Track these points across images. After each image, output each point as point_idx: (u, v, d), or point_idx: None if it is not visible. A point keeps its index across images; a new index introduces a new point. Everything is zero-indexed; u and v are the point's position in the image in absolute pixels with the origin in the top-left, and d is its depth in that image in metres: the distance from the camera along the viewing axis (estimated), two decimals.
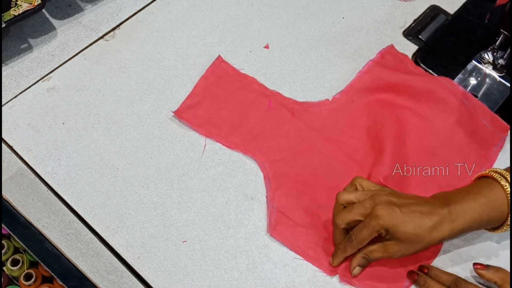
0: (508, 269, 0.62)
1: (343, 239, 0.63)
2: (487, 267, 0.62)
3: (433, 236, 0.60)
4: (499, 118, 0.74)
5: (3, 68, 0.77)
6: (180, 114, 0.73)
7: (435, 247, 0.65)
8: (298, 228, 0.66)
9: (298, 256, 0.65)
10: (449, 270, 0.64)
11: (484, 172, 0.64)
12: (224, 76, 0.77)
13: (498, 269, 0.62)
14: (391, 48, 0.80)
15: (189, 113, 0.73)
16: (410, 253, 0.61)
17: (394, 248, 0.60)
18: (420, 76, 0.76)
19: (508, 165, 0.68)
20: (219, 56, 0.78)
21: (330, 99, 0.76)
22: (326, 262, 0.64)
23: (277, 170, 0.70)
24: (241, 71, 0.77)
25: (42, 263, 0.62)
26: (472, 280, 0.64)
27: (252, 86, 0.76)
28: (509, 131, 0.74)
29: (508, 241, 0.67)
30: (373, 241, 0.61)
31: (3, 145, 0.71)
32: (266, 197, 0.68)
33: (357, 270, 0.63)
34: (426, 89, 0.74)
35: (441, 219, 0.60)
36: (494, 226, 0.63)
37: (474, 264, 0.63)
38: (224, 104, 0.74)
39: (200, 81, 0.76)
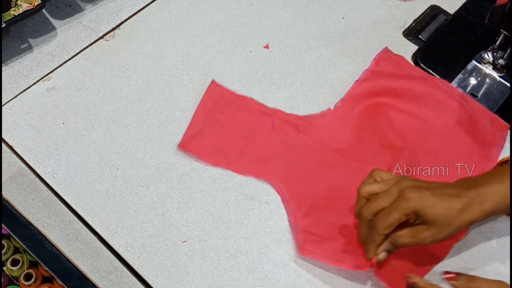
0: (508, 268, 0.62)
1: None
2: (459, 276, 0.58)
3: (463, 218, 0.57)
4: (498, 118, 0.74)
5: (3, 68, 0.77)
6: (185, 146, 0.71)
7: (443, 248, 0.65)
8: (325, 241, 0.65)
9: (335, 267, 0.64)
10: (448, 269, 0.64)
11: (506, 157, 0.62)
12: (221, 100, 0.74)
13: (471, 279, 0.58)
14: (385, 52, 0.79)
15: (193, 144, 0.71)
16: (440, 238, 0.58)
17: (425, 233, 0.58)
18: (418, 79, 0.76)
19: None
20: (213, 80, 0.76)
21: (332, 109, 0.75)
22: (363, 261, 0.62)
23: (294, 190, 0.69)
24: (237, 91, 0.76)
25: (42, 263, 0.62)
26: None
27: (252, 106, 0.74)
28: (509, 130, 0.74)
29: (508, 241, 0.67)
30: (400, 227, 0.59)
31: (3, 145, 0.71)
32: (288, 220, 0.67)
33: (382, 255, 0.60)
34: (424, 91, 0.74)
35: (470, 200, 0.58)
36: None
37: (444, 272, 0.59)
38: (226, 129, 0.72)
39: (198, 109, 0.74)
